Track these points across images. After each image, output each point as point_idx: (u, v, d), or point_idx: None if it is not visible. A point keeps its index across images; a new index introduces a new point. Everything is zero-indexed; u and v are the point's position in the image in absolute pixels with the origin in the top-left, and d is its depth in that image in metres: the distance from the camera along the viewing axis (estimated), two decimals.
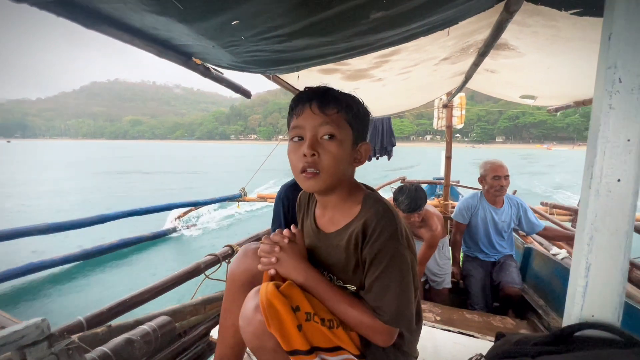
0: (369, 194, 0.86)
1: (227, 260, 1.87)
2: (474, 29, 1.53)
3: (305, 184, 0.80)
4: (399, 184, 7.00)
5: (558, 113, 3.36)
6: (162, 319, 1.13)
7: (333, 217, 0.88)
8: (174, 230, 5.96)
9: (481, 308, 2.55)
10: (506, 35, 1.67)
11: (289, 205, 1.71)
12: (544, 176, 22.02)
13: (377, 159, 4.54)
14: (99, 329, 1.08)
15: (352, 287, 0.85)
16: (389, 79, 2.10)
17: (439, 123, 4.07)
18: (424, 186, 6.59)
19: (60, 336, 0.72)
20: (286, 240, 0.83)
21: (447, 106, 3.76)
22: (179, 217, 6.38)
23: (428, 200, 4.82)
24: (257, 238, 2.19)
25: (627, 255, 0.55)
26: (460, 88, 2.81)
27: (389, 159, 4.64)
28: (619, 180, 0.54)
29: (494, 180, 2.57)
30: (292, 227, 0.90)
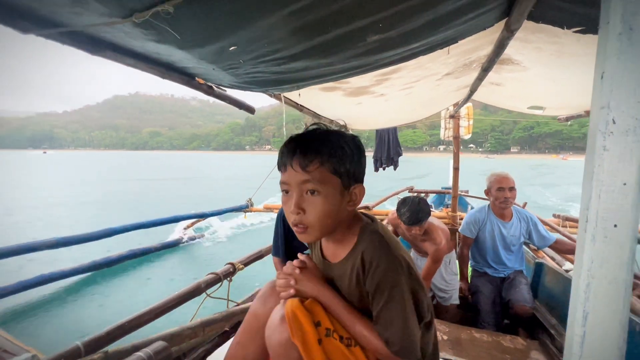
0: (365, 225, 0.86)
1: (228, 279, 1.86)
2: (475, 45, 1.51)
3: (299, 237, 0.83)
4: (406, 193, 6.93)
5: (569, 122, 3.29)
6: (158, 344, 1.12)
7: (335, 250, 0.89)
8: (182, 241, 6.03)
9: (490, 326, 2.47)
10: (509, 51, 1.65)
11: (283, 221, 1.72)
12: (555, 188, 21.39)
13: (384, 169, 4.51)
14: (95, 356, 1.08)
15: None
16: (391, 94, 2.09)
17: (446, 133, 4.03)
18: (432, 196, 6.54)
19: None
20: (297, 271, 0.86)
21: (454, 117, 3.72)
22: (187, 228, 6.45)
23: (436, 211, 4.76)
24: (259, 255, 2.18)
25: (626, 306, 0.52)
26: (466, 100, 2.78)
27: (395, 169, 4.60)
28: (615, 226, 0.52)
29: (498, 192, 2.51)
30: (299, 255, 0.92)
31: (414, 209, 2.27)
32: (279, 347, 0.77)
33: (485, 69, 1.78)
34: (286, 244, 1.73)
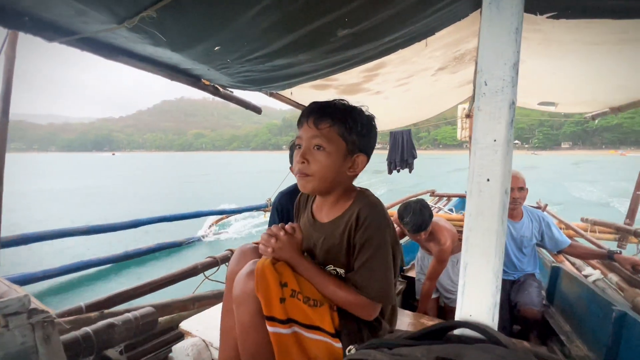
0: (361, 191, 0.97)
1: (225, 264, 1.99)
2: (457, 38, 1.53)
3: (299, 183, 0.94)
4: (427, 196, 6.74)
5: (597, 120, 3.08)
6: (146, 309, 1.26)
7: (329, 211, 0.98)
8: (205, 236, 6.38)
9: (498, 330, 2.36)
10: None
11: (282, 211, 1.81)
12: (598, 183, 19.72)
13: (398, 171, 4.47)
14: (92, 314, 1.24)
15: (341, 270, 0.95)
16: (388, 91, 2.13)
17: (462, 134, 3.92)
18: (454, 199, 6.30)
19: (40, 312, 0.88)
20: (282, 233, 0.94)
21: (470, 116, 3.63)
22: (212, 225, 6.81)
23: (456, 214, 4.60)
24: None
25: (499, 255, 0.55)
26: (474, 97, 2.72)
27: (410, 171, 4.53)
28: (488, 180, 0.55)
29: None
30: (291, 224, 1.01)
31: (417, 218, 2.26)
32: (242, 295, 0.85)
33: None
34: None
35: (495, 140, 0.54)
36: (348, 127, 0.90)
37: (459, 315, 0.56)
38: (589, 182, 20.76)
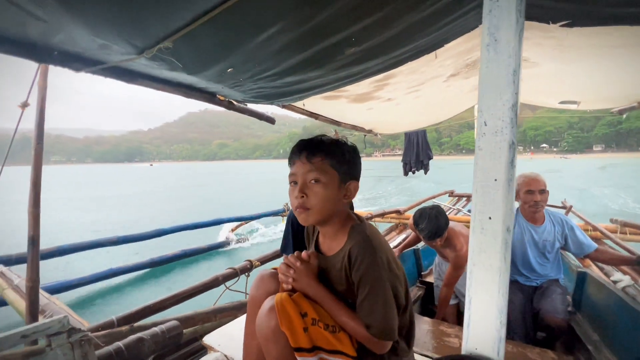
0: (355, 226, 0.96)
1: (246, 274, 2.05)
2: (468, 47, 1.51)
3: (299, 218, 0.97)
4: (446, 197, 6.60)
5: (624, 115, 2.93)
6: (172, 323, 1.34)
7: (330, 244, 1.01)
8: (228, 243, 6.55)
9: (519, 337, 2.31)
10: None
11: (298, 226, 1.85)
12: (631, 189, 18.57)
13: (414, 172, 4.41)
14: (124, 328, 1.33)
15: (349, 302, 0.98)
16: (400, 98, 2.13)
17: None
18: None
19: (79, 331, 0.96)
20: (298, 263, 0.99)
21: None
22: (232, 231, 6.98)
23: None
24: (277, 255, 2.35)
25: (502, 292, 0.56)
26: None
27: (425, 172, 4.47)
28: (490, 218, 0.56)
29: (527, 195, 2.34)
30: (306, 252, 1.05)
31: (433, 224, 2.23)
32: (269, 333, 0.89)
33: None
34: (294, 243, 1.86)
35: (496, 180, 0.55)
36: (338, 158, 0.94)
37: (464, 348, 0.58)
38: (614, 187, 19.89)
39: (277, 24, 1.03)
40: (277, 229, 8.20)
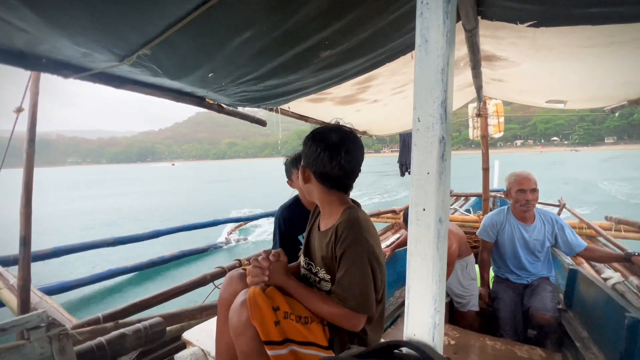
0: (349, 207, 1.04)
1: None
2: None
3: None
4: None
5: (616, 114, 2.93)
6: (155, 319, 1.37)
7: (326, 222, 1.09)
8: (226, 243, 6.60)
9: (509, 335, 2.32)
10: (487, 48, 1.63)
11: (285, 223, 1.88)
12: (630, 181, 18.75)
13: (409, 173, 4.41)
14: (108, 324, 1.37)
15: (328, 276, 1.03)
16: (386, 99, 2.16)
17: (474, 133, 3.83)
18: (472, 199, 6.12)
19: (57, 325, 1.00)
20: (267, 263, 1.01)
21: (481, 115, 3.55)
22: (231, 232, 7.03)
23: (471, 215, 4.48)
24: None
25: (436, 280, 0.58)
26: (480, 98, 2.68)
27: None
28: (424, 210, 0.59)
29: (519, 194, 2.35)
30: (274, 251, 1.10)
31: None
32: (239, 327, 0.92)
33: (474, 67, 1.77)
34: (282, 239, 1.88)
35: (428, 173, 0.58)
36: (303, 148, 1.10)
37: (405, 334, 0.61)
38: (612, 178, 20.46)
39: (249, 30, 1.07)
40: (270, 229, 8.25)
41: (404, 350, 0.60)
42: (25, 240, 1.56)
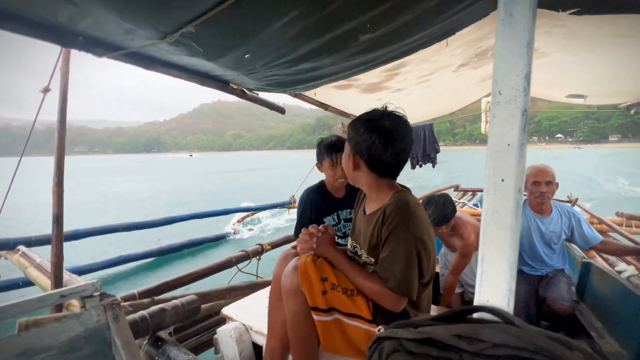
0: (398, 192, 1.04)
1: (257, 257, 2.12)
2: (479, 35, 1.54)
3: None
4: (451, 191, 6.62)
5: (632, 111, 2.94)
6: (191, 297, 1.40)
7: (372, 205, 1.09)
8: (234, 233, 6.66)
9: None
10: None
11: (312, 205, 1.90)
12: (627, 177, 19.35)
13: (420, 166, 4.44)
14: (145, 300, 1.40)
15: (372, 259, 1.04)
16: (409, 88, 2.16)
17: (487, 127, 3.84)
18: (480, 194, 6.16)
19: (108, 295, 1.02)
20: (319, 233, 1.08)
21: None
22: (239, 222, 7.08)
23: (479, 209, 4.51)
24: (287, 240, 2.41)
25: (513, 248, 0.60)
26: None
27: (433, 166, 4.49)
28: (502, 180, 0.61)
29: (534, 186, 2.37)
30: (324, 226, 1.14)
31: (440, 209, 2.27)
32: (291, 289, 0.97)
33: None
34: (310, 221, 1.90)
35: (509, 145, 0.59)
36: (349, 135, 1.07)
37: (477, 301, 0.63)
38: (606, 173, 21.16)
39: (297, 8, 1.07)
40: (282, 219, 8.31)
41: (475, 316, 0.62)
42: (58, 218, 1.58)
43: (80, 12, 1.12)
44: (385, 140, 1.00)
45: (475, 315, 0.62)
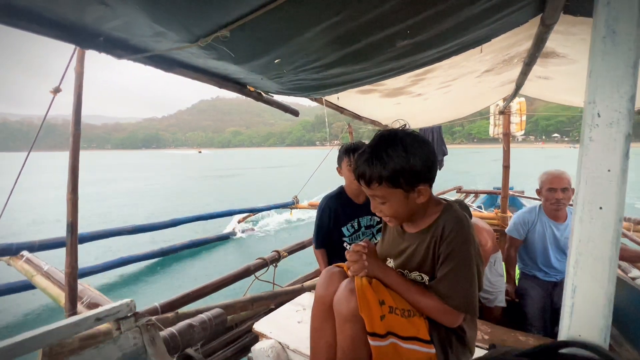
0: (447, 206, 1.00)
1: (274, 264, 2.07)
2: (512, 42, 1.51)
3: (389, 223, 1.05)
4: (453, 193, 6.64)
5: None
6: (217, 310, 1.35)
7: (417, 223, 1.03)
8: (235, 233, 6.59)
9: (538, 331, 2.35)
10: (551, 44, 1.61)
11: (331, 212, 1.86)
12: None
13: None
14: (169, 314, 1.34)
15: (426, 277, 1.01)
16: (429, 93, 2.13)
17: (495, 130, 3.84)
18: (482, 196, 6.18)
19: (143, 315, 0.97)
20: (366, 249, 1.02)
21: (504, 113, 3.54)
22: (240, 222, 7.01)
23: (485, 212, 4.53)
24: (302, 246, 2.36)
25: (612, 280, 0.57)
26: (514, 96, 2.67)
27: (440, 168, 4.48)
28: (600, 208, 0.57)
29: (549, 193, 2.36)
30: (363, 241, 1.08)
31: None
32: (348, 314, 0.92)
33: (528, 64, 1.74)
34: (328, 229, 1.86)
35: (609, 170, 0.55)
36: (395, 177, 0.93)
37: (566, 335, 0.59)
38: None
39: (340, 14, 1.02)
40: (281, 219, 8.26)
41: (566, 350, 0.58)
42: (73, 227, 1.51)
43: (110, 14, 1.05)
44: (430, 153, 0.96)
45: (565, 350, 0.59)
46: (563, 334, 0.61)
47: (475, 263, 0.92)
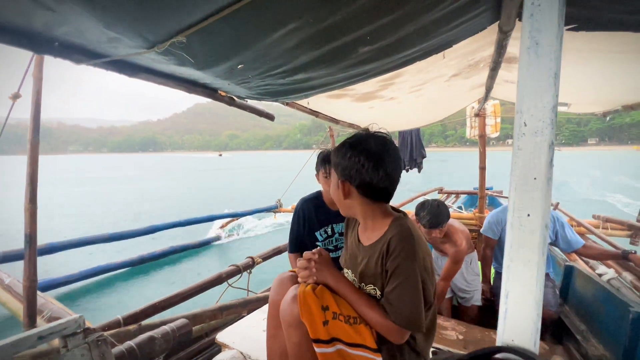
0: (397, 218, 0.99)
1: (248, 271, 2.04)
2: (474, 48, 1.55)
3: None
4: (435, 194, 6.75)
5: (607, 118, 3.08)
6: (181, 321, 1.32)
7: (369, 235, 1.04)
8: (217, 238, 6.49)
9: None
10: (512, 50, 1.65)
11: (304, 216, 1.85)
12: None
13: (407, 171, 4.48)
14: (131, 327, 1.30)
15: (379, 292, 1.00)
16: (402, 97, 2.15)
17: (472, 132, 3.92)
18: (463, 197, 6.31)
19: (94, 331, 0.93)
20: (317, 256, 1.02)
21: (479, 115, 3.62)
22: (222, 227, 6.91)
23: (465, 212, 4.62)
24: (277, 251, 2.34)
25: (539, 286, 0.59)
26: (486, 98, 2.73)
27: (419, 171, 4.55)
28: (528, 215, 0.59)
29: None
30: (317, 249, 1.08)
31: (434, 212, 2.28)
32: (291, 320, 0.92)
33: (493, 69, 1.79)
34: (301, 232, 1.85)
35: (535, 179, 0.57)
36: (334, 166, 1.03)
37: (500, 341, 0.60)
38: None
39: (297, 20, 1.02)
40: (267, 223, 8.20)
41: (501, 355, 0.59)
42: (31, 238, 1.45)
43: (58, 19, 1.01)
44: (375, 162, 0.95)
45: (499, 355, 0.60)
46: (499, 339, 0.62)
47: (421, 279, 0.90)
